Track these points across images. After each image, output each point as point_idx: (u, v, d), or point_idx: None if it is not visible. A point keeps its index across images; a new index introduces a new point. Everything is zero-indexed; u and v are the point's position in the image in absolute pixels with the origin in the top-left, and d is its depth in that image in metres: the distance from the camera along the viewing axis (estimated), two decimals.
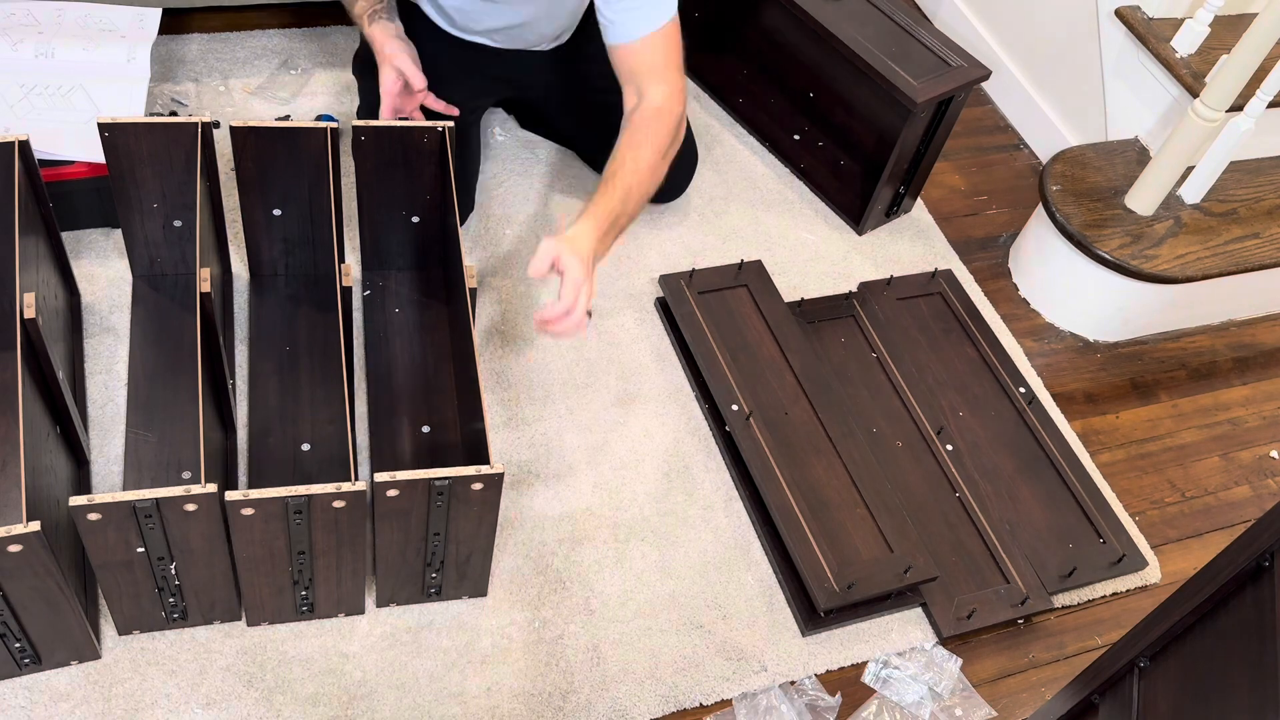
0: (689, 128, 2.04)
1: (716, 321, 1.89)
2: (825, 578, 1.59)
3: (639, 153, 1.64)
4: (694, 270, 1.95)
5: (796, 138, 2.25)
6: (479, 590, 1.52)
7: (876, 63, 1.98)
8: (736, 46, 2.39)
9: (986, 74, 2.01)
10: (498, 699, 1.46)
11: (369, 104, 1.88)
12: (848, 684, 1.58)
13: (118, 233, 1.81)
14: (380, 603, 1.49)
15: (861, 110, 2.15)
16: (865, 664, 1.60)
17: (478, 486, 1.32)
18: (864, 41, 2.02)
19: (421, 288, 1.82)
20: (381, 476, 1.27)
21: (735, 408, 1.77)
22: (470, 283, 1.53)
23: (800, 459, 1.73)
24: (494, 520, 1.39)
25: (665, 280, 1.93)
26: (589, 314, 1.47)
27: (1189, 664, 1.13)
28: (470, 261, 1.90)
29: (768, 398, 1.80)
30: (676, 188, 2.07)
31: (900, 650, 1.61)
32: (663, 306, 1.94)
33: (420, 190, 1.71)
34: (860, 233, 2.15)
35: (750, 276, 1.97)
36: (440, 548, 1.40)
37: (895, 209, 2.18)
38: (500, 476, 1.31)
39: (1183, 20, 2.12)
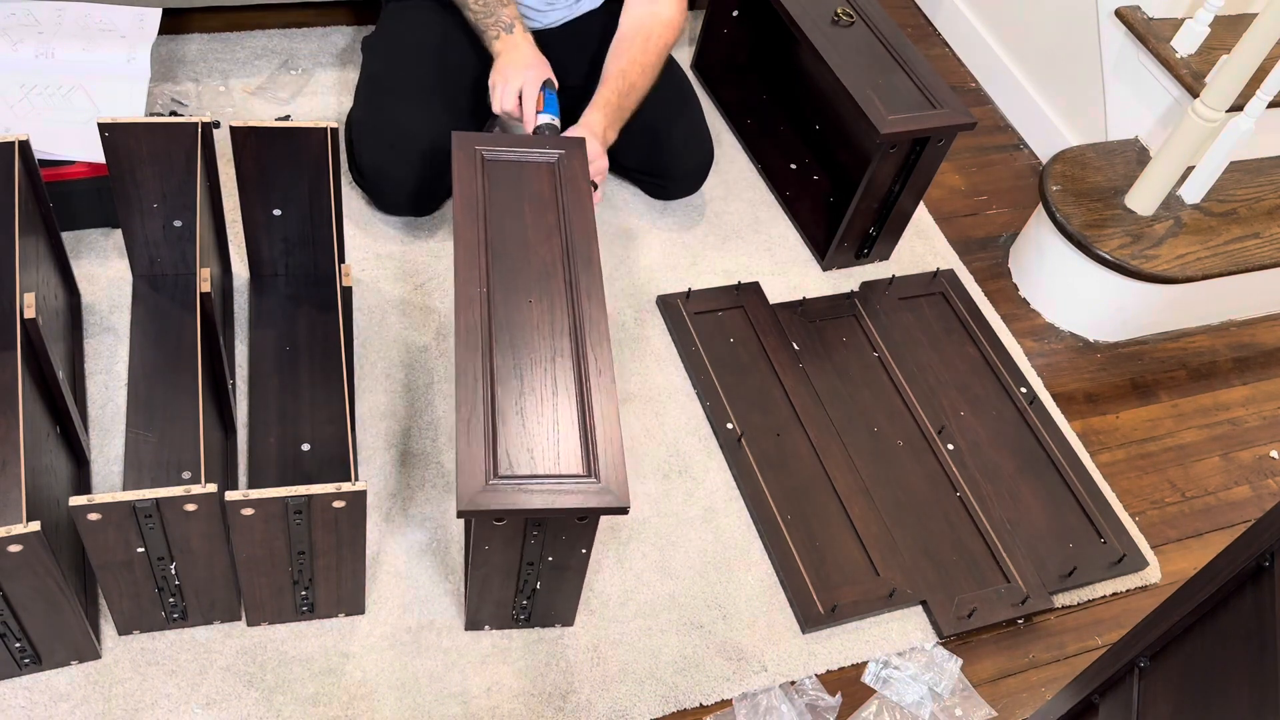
0: (707, 129, 2.05)
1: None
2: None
3: (634, 52, 1.81)
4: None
5: (793, 166, 2.22)
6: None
7: (855, 90, 1.88)
8: (760, 69, 2.38)
9: (971, 123, 1.88)
10: (498, 699, 1.46)
11: (371, 90, 1.91)
12: (848, 684, 1.58)
13: (118, 233, 1.81)
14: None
15: (841, 140, 2.14)
16: (865, 664, 1.60)
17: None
18: (852, 69, 1.93)
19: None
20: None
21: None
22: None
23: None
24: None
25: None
26: (595, 186, 1.72)
27: (1189, 664, 1.13)
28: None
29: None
30: (692, 182, 2.07)
31: (900, 650, 1.61)
32: (663, 305, 1.94)
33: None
34: (825, 268, 2.08)
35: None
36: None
37: (867, 250, 2.09)
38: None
39: (1183, 20, 2.12)
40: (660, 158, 2.01)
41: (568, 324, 1.44)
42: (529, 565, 1.39)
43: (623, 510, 1.29)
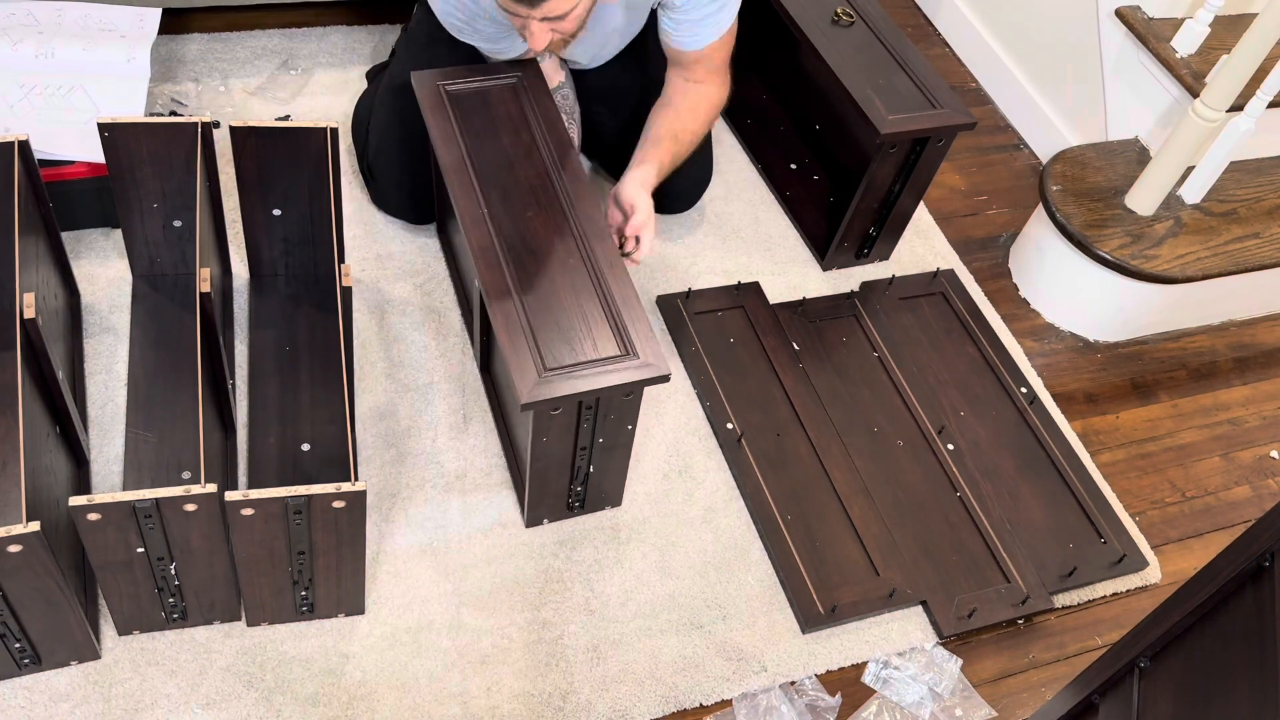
0: (709, 151, 2.05)
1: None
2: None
3: (685, 120, 1.77)
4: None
5: (793, 166, 2.23)
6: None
7: (855, 90, 1.88)
8: (761, 70, 2.39)
9: (971, 123, 1.88)
10: (498, 699, 1.46)
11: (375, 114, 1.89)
12: (848, 684, 1.58)
13: (118, 233, 1.81)
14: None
15: (841, 140, 2.14)
16: (865, 664, 1.60)
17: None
18: (852, 69, 1.92)
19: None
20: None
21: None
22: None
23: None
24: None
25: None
26: (631, 244, 1.71)
27: (1189, 664, 1.13)
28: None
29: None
30: (689, 198, 2.07)
31: (900, 650, 1.61)
32: (663, 305, 1.94)
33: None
34: (825, 268, 2.08)
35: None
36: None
37: (867, 250, 2.09)
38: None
39: (1183, 20, 2.12)
40: None
41: (569, 228, 1.56)
42: (582, 450, 1.51)
43: (664, 379, 1.42)
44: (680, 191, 2.05)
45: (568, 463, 1.52)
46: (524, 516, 1.61)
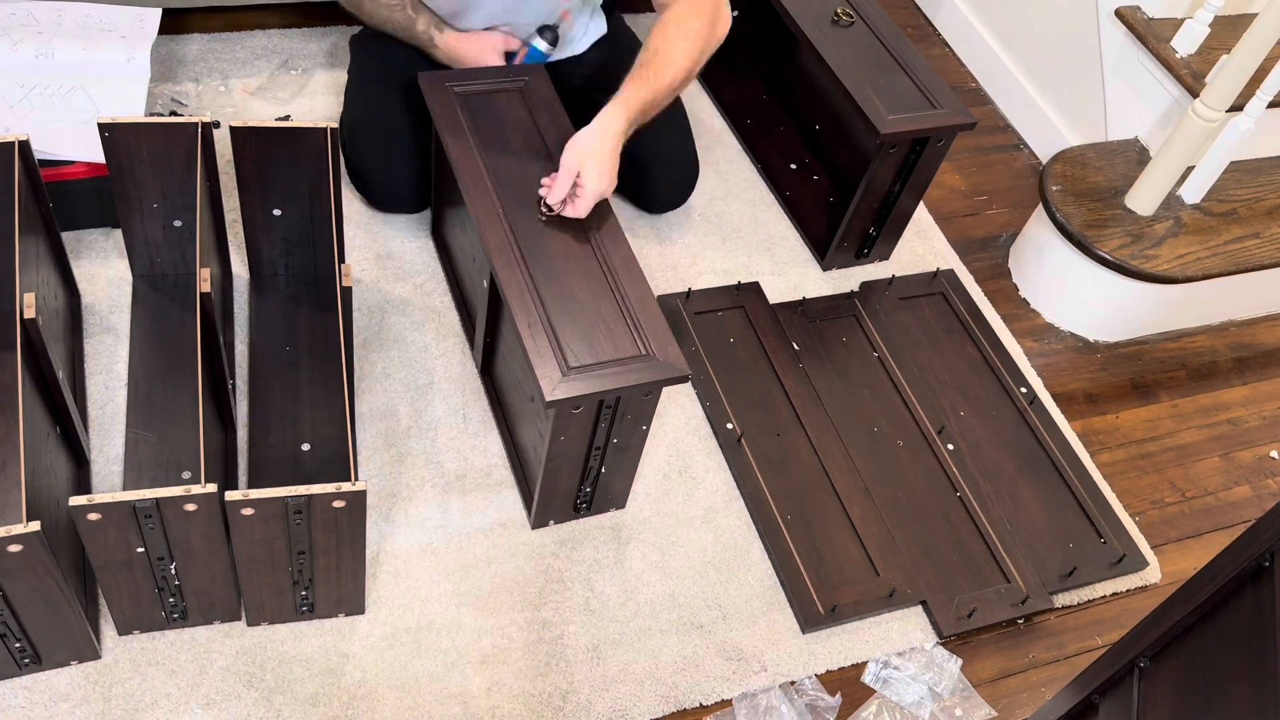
0: (692, 142, 2.04)
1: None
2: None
3: (671, 38, 1.66)
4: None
5: (793, 166, 2.22)
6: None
7: (856, 90, 1.88)
8: (760, 69, 2.38)
9: (971, 123, 1.88)
10: (498, 699, 1.46)
11: (356, 115, 1.90)
12: (848, 684, 1.58)
13: (118, 233, 1.81)
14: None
15: (841, 140, 2.14)
16: (865, 664, 1.60)
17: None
18: (852, 69, 1.92)
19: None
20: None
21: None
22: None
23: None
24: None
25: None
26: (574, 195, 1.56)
27: (1189, 664, 1.14)
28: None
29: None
30: (676, 198, 2.06)
31: (900, 650, 1.61)
32: (662, 305, 1.94)
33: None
34: (825, 268, 2.08)
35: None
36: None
37: (867, 250, 2.09)
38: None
39: (1183, 20, 2.12)
40: (639, 176, 1.96)
41: (581, 228, 1.56)
42: (596, 450, 1.51)
43: (684, 378, 1.43)
44: (663, 194, 2.04)
45: (580, 463, 1.53)
46: (531, 518, 1.61)
